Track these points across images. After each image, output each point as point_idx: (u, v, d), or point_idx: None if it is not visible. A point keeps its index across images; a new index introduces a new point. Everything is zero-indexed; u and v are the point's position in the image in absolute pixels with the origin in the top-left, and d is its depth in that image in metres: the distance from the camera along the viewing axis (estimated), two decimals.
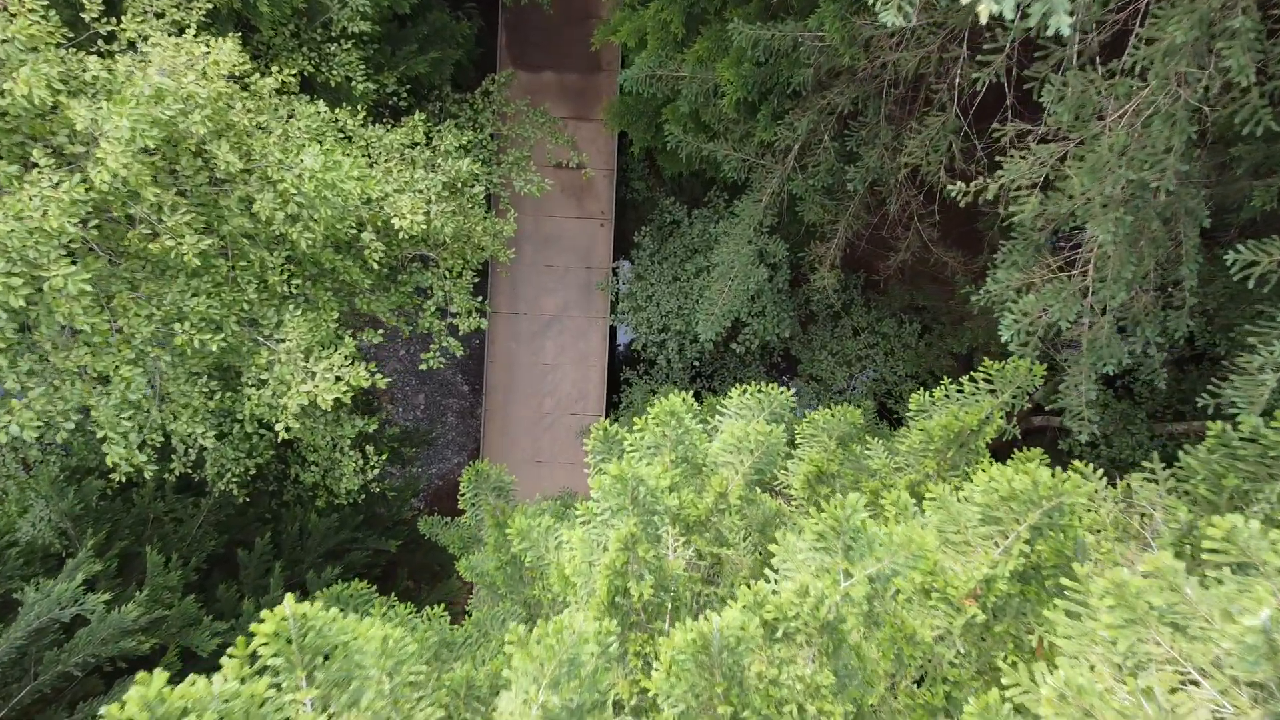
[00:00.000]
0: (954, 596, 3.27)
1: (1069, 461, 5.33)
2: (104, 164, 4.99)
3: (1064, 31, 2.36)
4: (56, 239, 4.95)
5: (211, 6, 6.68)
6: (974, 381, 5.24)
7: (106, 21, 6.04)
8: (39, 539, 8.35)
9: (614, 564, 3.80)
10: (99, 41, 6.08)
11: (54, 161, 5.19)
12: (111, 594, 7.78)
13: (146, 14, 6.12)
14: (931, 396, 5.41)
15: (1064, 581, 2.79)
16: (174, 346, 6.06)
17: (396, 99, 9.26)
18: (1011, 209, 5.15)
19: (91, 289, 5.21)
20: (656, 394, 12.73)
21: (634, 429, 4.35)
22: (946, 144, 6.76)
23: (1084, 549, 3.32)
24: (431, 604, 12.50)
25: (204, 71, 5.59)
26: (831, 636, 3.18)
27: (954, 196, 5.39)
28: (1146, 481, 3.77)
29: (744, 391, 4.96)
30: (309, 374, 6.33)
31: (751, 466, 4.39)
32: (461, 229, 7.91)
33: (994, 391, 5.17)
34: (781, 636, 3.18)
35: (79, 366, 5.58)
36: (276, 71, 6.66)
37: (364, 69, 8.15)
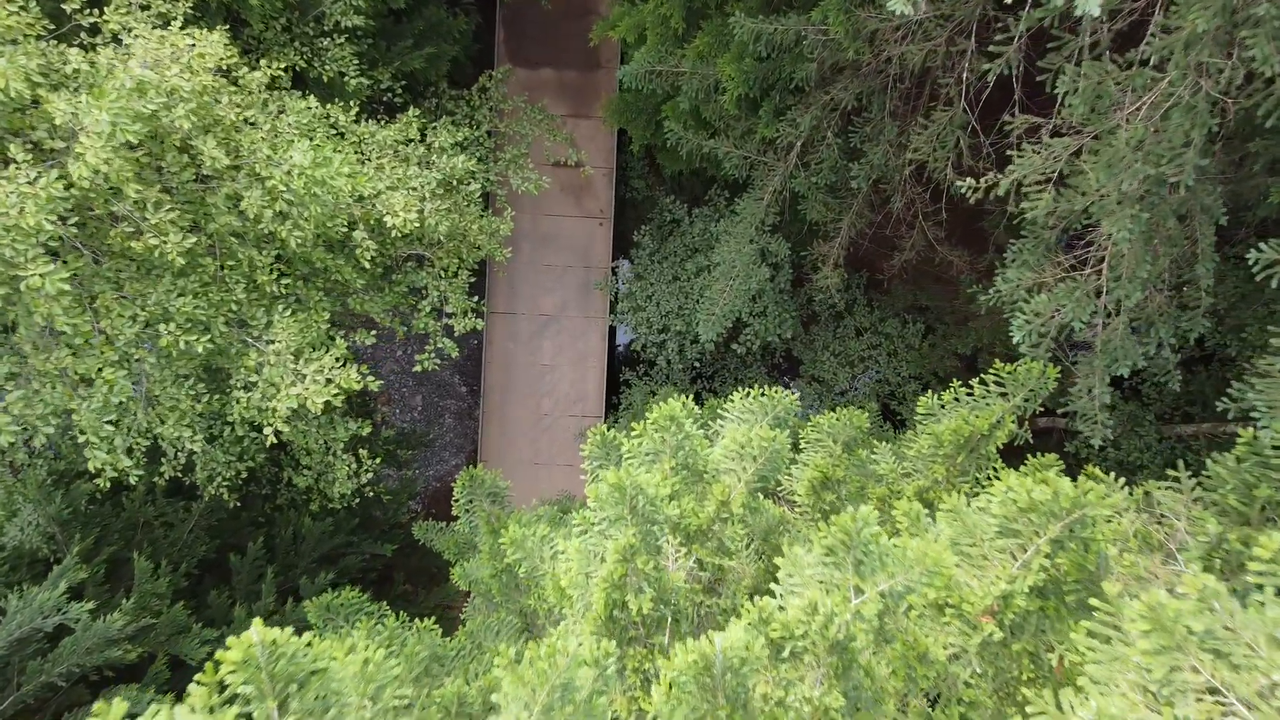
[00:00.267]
0: (970, 613, 3.10)
1: (1074, 464, 5.17)
2: (83, 159, 4.81)
3: (1093, 13, 2.19)
4: (34, 237, 4.78)
5: None
6: (984, 384, 5.07)
7: (89, 13, 5.87)
8: (26, 544, 8.18)
9: (611, 576, 3.63)
10: (81, 34, 5.91)
11: (32, 157, 5.01)
12: (99, 601, 7.60)
13: (131, 6, 5.94)
14: (940, 400, 5.24)
15: (1093, 602, 2.61)
16: (159, 348, 5.89)
17: (391, 95, 9.09)
18: (1023, 205, 4.98)
19: (71, 289, 5.03)
20: (656, 395, 12.56)
21: (632, 434, 4.17)
22: (954, 139, 6.59)
23: (1106, 563, 3.14)
24: (429, 607, 12.33)
25: (189, 65, 5.42)
26: (841, 656, 3.01)
27: (963, 193, 5.22)
28: (1170, 490, 3.60)
29: (746, 395, 4.78)
30: (298, 376, 6.16)
31: (755, 474, 4.21)
32: (457, 227, 7.73)
33: (1005, 395, 4.99)
34: (788, 656, 3.01)
35: (59, 369, 5.41)
36: (266, 65, 6.48)
37: (357, 64, 7.97)
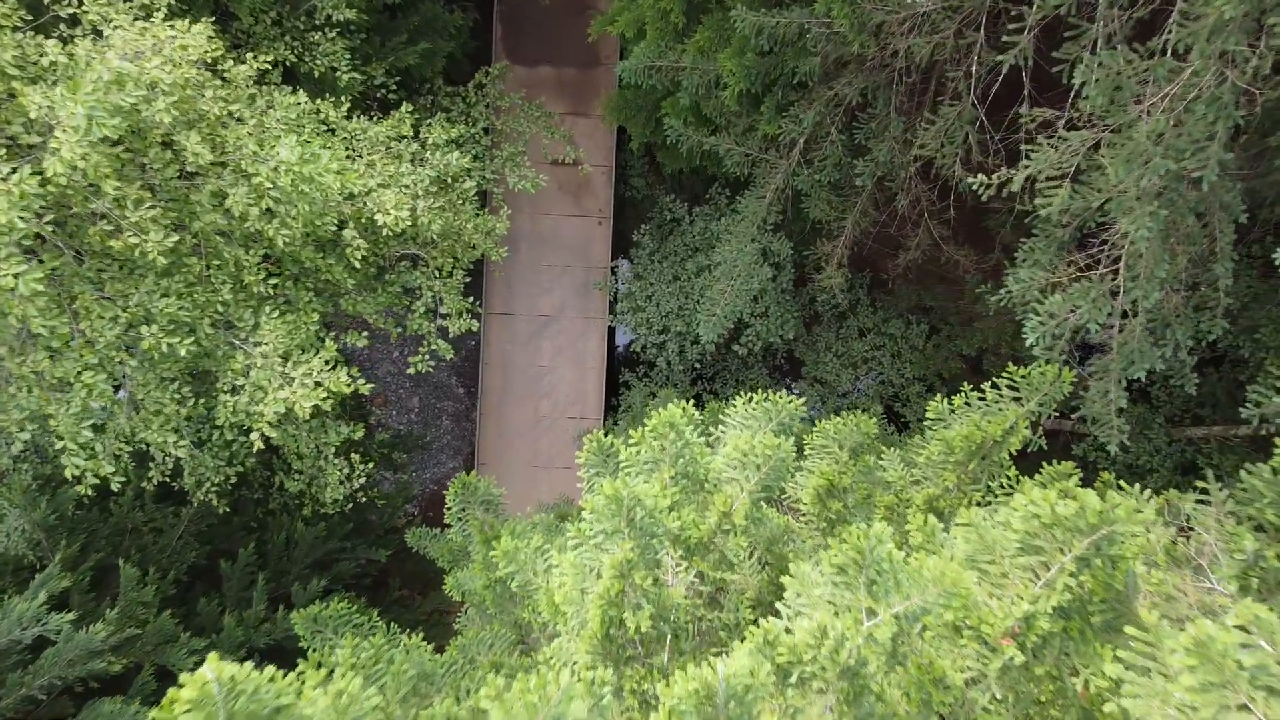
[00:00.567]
0: (989, 635, 2.90)
1: (1082, 467, 4.97)
2: (58, 154, 4.62)
3: None
4: (7, 235, 4.58)
5: None
6: (996, 388, 4.87)
7: (68, 4, 5.68)
8: (11, 550, 7.98)
9: (608, 593, 3.43)
10: (60, 26, 5.71)
11: (6, 152, 4.82)
12: (84, 610, 7.41)
13: None
14: (950, 404, 5.04)
15: (1130, 630, 2.42)
16: (142, 351, 5.69)
17: (385, 91, 8.90)
18: (1038, 202, 4.78)
19: (46, 289, 4.84)
20: (656, 397, 12.35)
21: (630, 442, 3.98)
22: (962, 135, 6.39)
23: (1135, 581, 2.94)
24: (425, 613, 12.11)
25: (171, 57, 5.22)
26: (852, 682, 2.82)
27: (975, 189, 5.02)
28: (1200, 504, 3.40)
29: (749, 400, 4.59)
30: (286, 380, 5.96)
31: (758, 483, 4.02)
32: (451, 226, 7.54)
33: (1019, 399, 4.80)
34: (796, 682, 2.82)
35: (36, 372, 5.21)
36: (252, 59, 6.28)
37: (349, 59, 7.78)
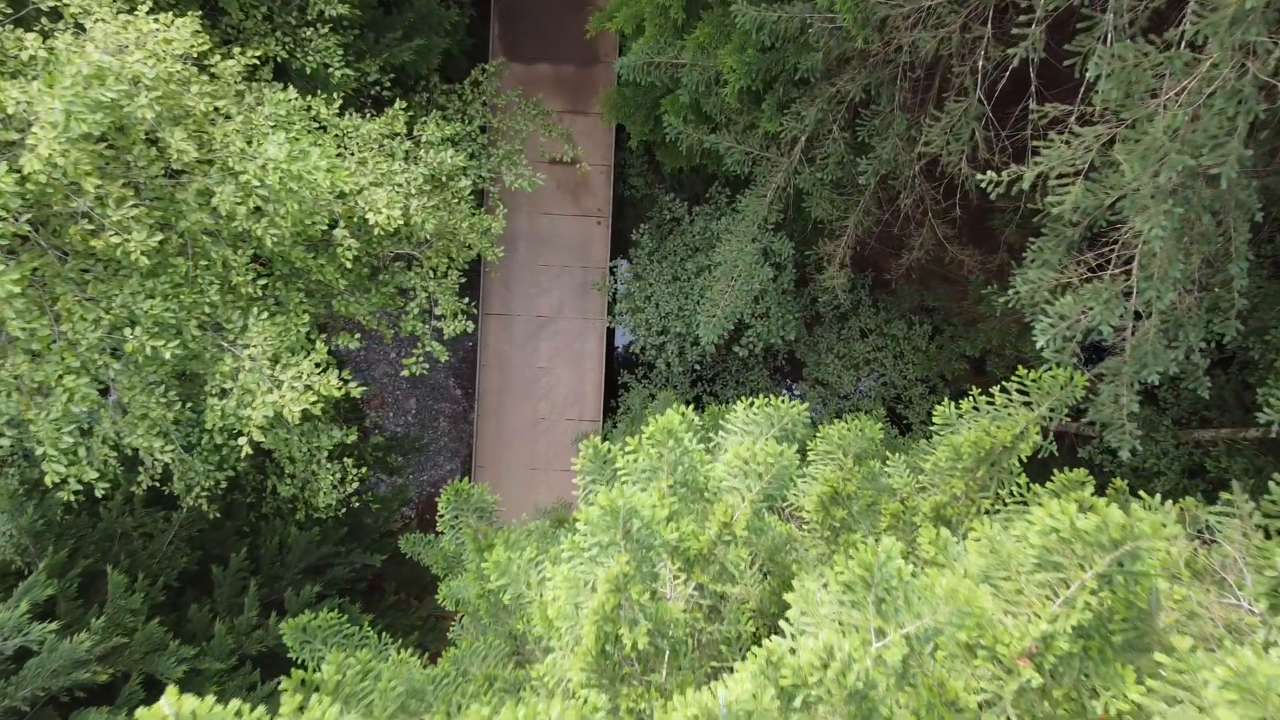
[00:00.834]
0: (1005, 656, 2.75)
1: (1089, 470, 4.83)
2: (35, 151, 4.46)
3: None
4: None
5: None
6: (1006, 392, 4.71)
7: None
8: None
9: (603, 608, 3.28)
10: (42, 19, 5.56)
11: None
12: (71, 617, 7.26)
13: None
14: (958, 409, 4.89)
15: (1161, 659, 2.27)
16: (126, 354, 5.53)
17: (379, 88, 8.74)
18: (1050, 200, 4.63)
19: (22, 291, 4.68)
20: (656, 398, 12.19)
21: (627, 450, 3.82)
22: (969, 132, 6.24)
23: (1158, 598, 2.79)
24: (421, 617, 11.93)
25: (154, 51, 5.07)
26: (860, 706, 2.66)
27: (983, 187, 4.87)
28: (1224, 515, 3.25)
29: (750, 405, 4.43)
30: (275, 383, 5.81)
31: (760, 492, 3.86)
32: (445, 225, 7.38)
33: (1029, 404, 4.64)
34: (800, 707, 2.67)
35: (15, 375, 5.06)
36: (239, 53, 6.13)
37: (342, 55, 7.62)
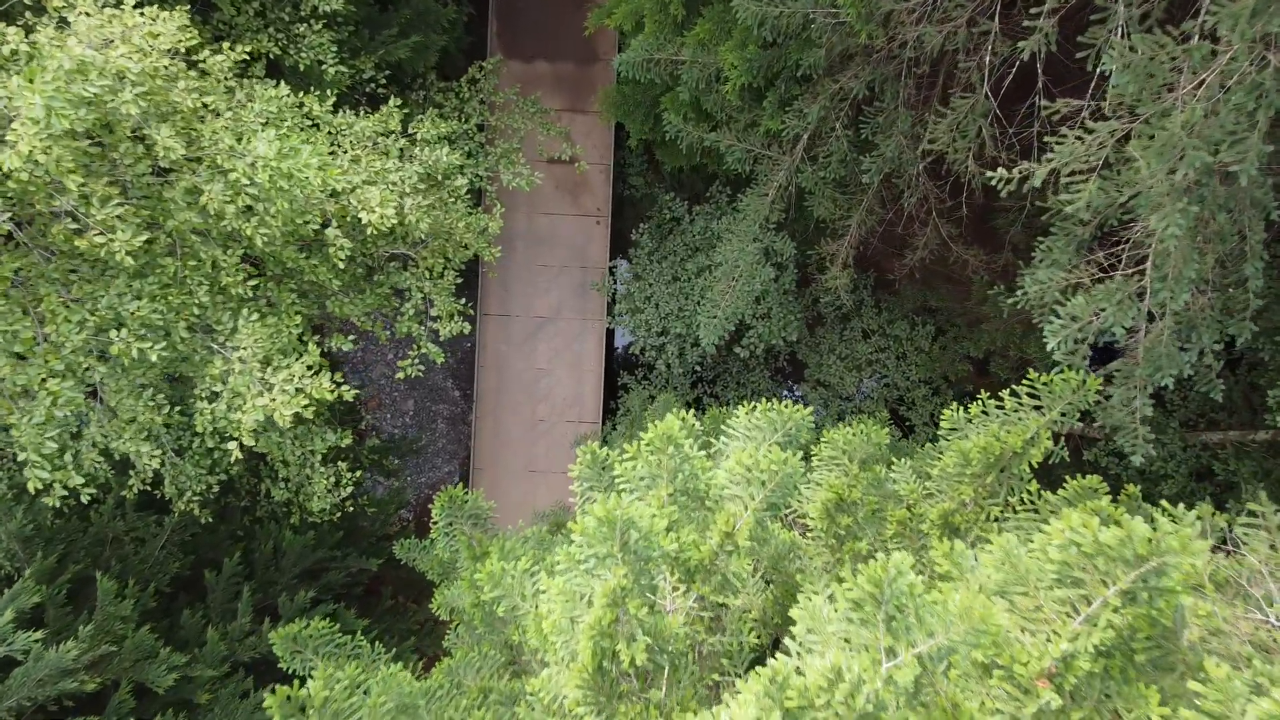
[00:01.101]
0: (1022, 676, 2.61)
1: (1095, 473, 4.69)
2: (15, 148, 4.32)
3: None
4: None
5: None
6: (1016, 396, 4.57)
7: None
8: None
9: (599, 623, 3.14)
10: (26, 13, 5.42)
11: None
12: (59, 625, 7.12)
13: None
14: (966, 413, 4.75)
15: (1196, 687, 2.13)
16: (112, 356, 5.40)
17: (375, 86, 8.60)
18: (1063, 197, 4.49)
19: (4, 292, 4.54)
20: (655, 400, 12.05)
21: (625, 457, 3.68)
22: (976, 129, 6.10)
23: (1183, 616, 2.65)
24: (419, 622, 11.77)
25: (140, 45, 4.93)
26: None
27: (993, 184, 4.73)
28: (1250, 527, 3.11)
29: (752, 409, 4.29)
30: (265, 386, 5.67)
31: (763, 500, 3.72)
32: (441, 225, 7.24)
33: (1040, 408, 4.50)
34: None
35: None
36: (228, 48, 5.99)
37: (336, 52, 7.49)
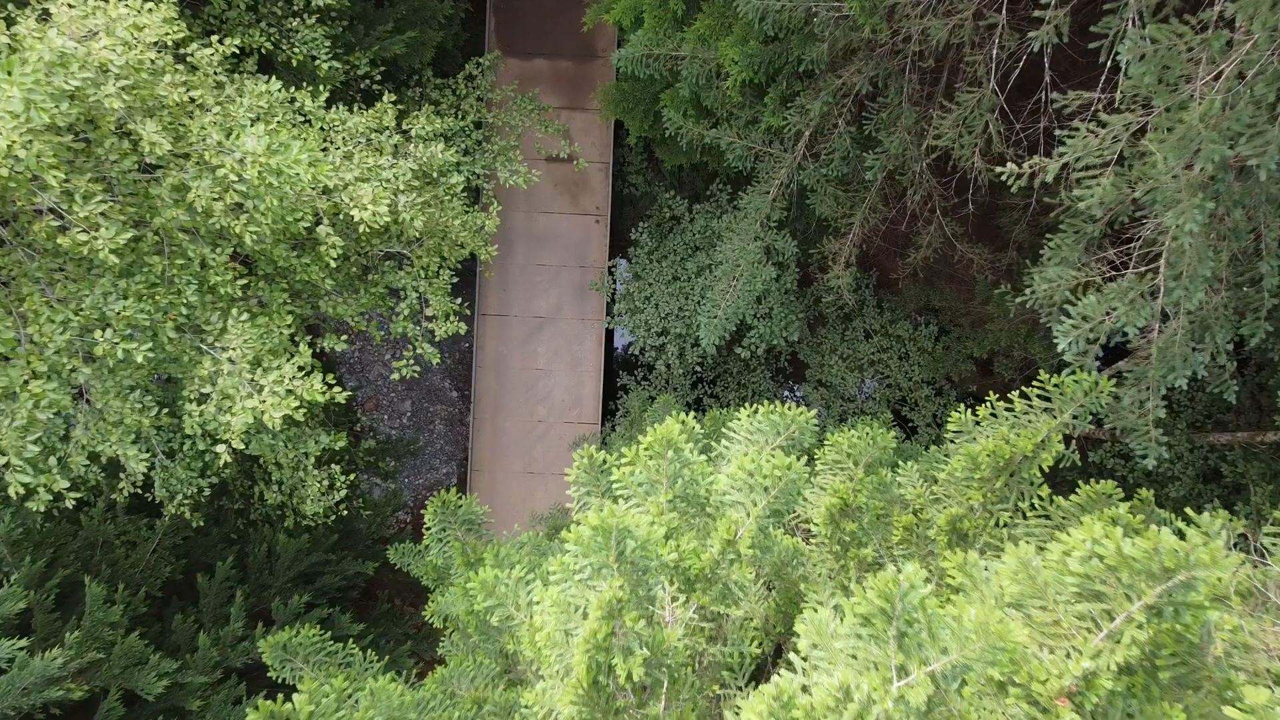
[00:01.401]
0: (1041, 695, 2.47)
1: (1100, 475, 4.55)
2: None
3: None
4: None
5: None
6: (1026, 398, 4.44)
7: None
8: None
9: (594, 636, 3.00)
10: (9, 6, 5.29)
11: None
12: (46, 631, 6.99)
13: None
14: (974, 415, 4.61)
15: (1232, 713, 1.99)
16: (97, 357, 5.26)
17: (369, 82, 8.47)
18: (1076, 193, 4.35)
19: None
20: (655, 401, 11.92)
21: (623, 462, 3.55)
22: (982, 124, 5.96)
23: (1209, 630, 2.51)
24: (416, 625, 11.62)
25: (124, 38, 4.79)
26: None
27: (1002, 181, 4.59)
28: (1275, 536, 2.97)
29: (755, 412, 4.16)
30: (255, 388, 5.53)
31: (766, 506, 3.59)
32: (436, 223, 7.11)
33: (1051, 410, 4.36)
34: None
35: None
36: (216, 40, 5.85)
37: (329, 47, 7.35)
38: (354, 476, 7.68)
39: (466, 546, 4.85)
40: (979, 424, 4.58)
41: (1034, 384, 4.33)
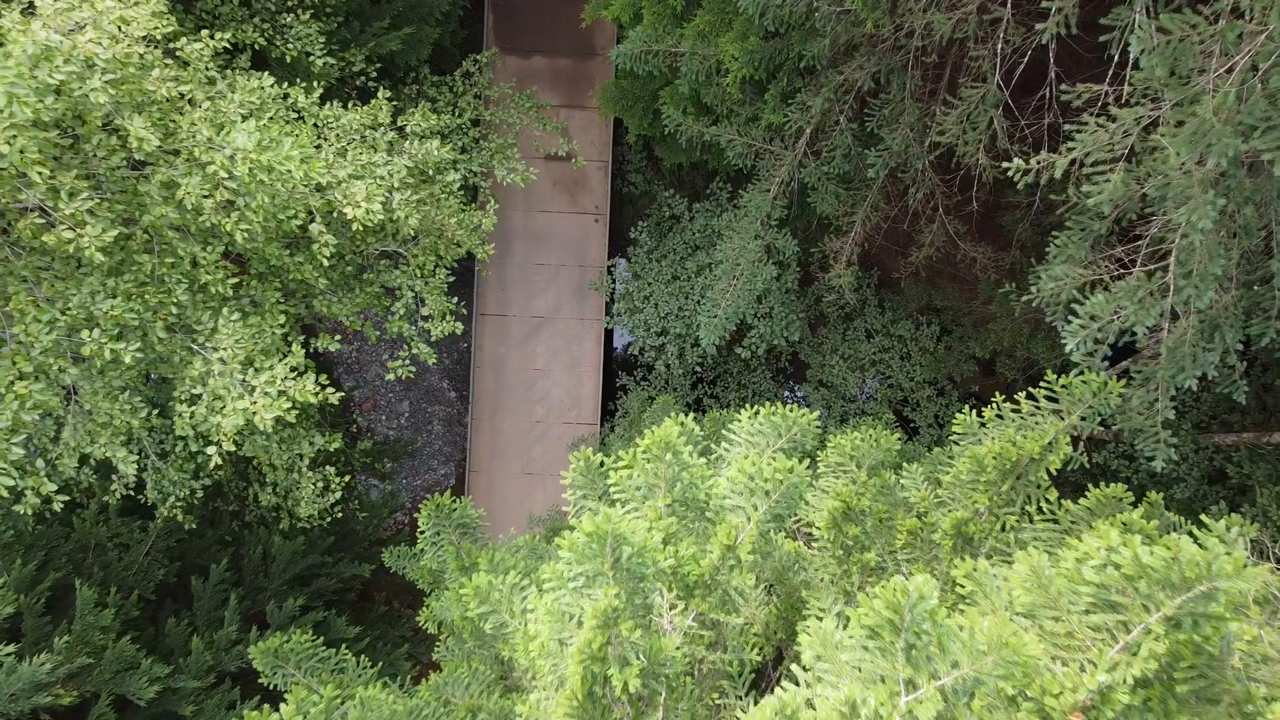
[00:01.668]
0: (1054, 709, 2.37)
1: (1104, 476, 4.46)
2: None
3: None
4: None
5: None
6: (1033, 399, 4.34)
7: None
8: None
9: (589, 646, 2.90)
10: None
11: None
12: (37, 635, 6.89)
13: None
14: (980, 417, 4.51)
15: None
16: (85, 358, 5.16)
17: (365, 79, 8.37)
18: (1085, 189, 4.25)
19: None
20: (655, 401, 11.82)
21: (620, 465, 3.45)
22: (986, 120, 5.86)
23: (1229, 642, 2.41)
24: (414, 628, 11.53)
25: (110, 31, 4.69)
26: None
27: (1010, 177, 4.49)
28: None
29: (756, 413, 4.05)
30: (247, 389, 5.43)
31: (767, 511, 3.49)
32: (432, 221, 7.01)
33: (1059, 412, 4.27)
34: None
35: None
36: (207, 35, 5.75)
37: (324, 43, 7.25)
38: (349, 478, 7.58)
39: (461, 550, 4.75)
40: (984, 426, 4.49)
41: (1041, 384, 4.23)
